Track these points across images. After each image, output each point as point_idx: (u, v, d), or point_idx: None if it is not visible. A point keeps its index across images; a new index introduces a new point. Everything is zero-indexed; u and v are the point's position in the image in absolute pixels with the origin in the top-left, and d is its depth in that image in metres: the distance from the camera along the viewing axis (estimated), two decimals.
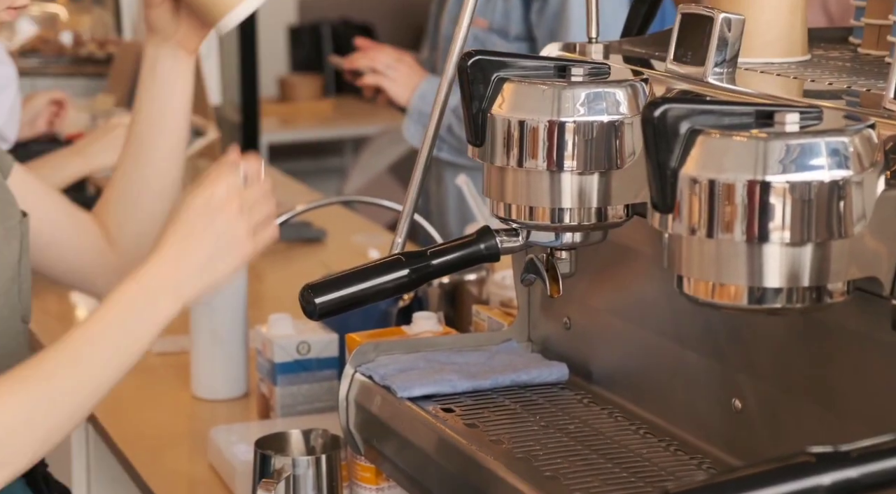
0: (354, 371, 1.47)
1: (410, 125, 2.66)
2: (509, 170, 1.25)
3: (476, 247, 1.28)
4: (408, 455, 1.35)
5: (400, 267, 1.28)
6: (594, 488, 1.19)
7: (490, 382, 1.42)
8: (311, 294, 1.27)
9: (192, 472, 1.78)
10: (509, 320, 1.59)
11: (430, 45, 2.86)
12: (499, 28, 2.61)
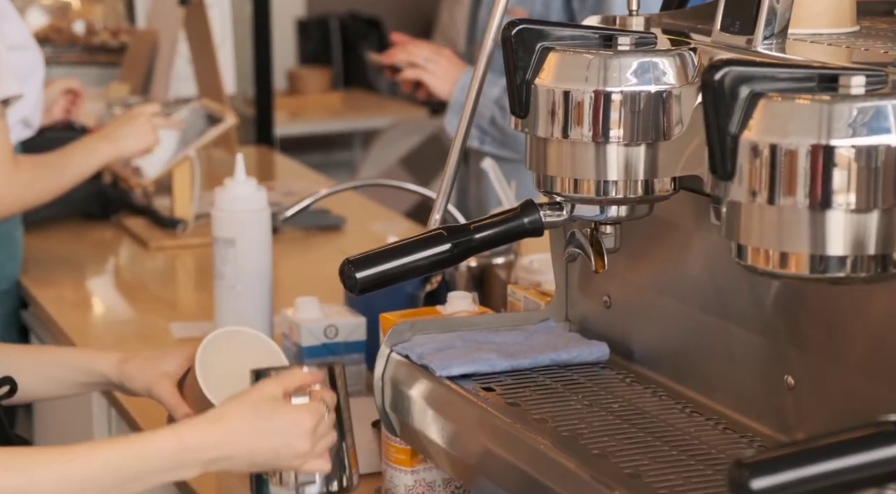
0: (390, 350, 1.44)
1: (452, 118, 2.60)
2: (553, 141, 1.23)
3: (519, 220, 1.26)
4: (447, 434, 1.33)
5: (442, 242, 1.25)
6: (644, 466, 1.16)
7: (529, 361, 1.39)
8: (352, 268, 1.24)
9: None
10: (546, 300, 1.56)
11: (468, 37, 2.82)
12: (539, 17, 2.57)
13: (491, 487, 1.26)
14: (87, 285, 2.55)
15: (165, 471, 1.24)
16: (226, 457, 1.26)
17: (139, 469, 1.22)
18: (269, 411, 1.27)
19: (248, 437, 1.26)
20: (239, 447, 1.26)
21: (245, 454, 1.26)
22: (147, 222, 2.87)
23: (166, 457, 1.23)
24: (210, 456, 1.25)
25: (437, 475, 1.49)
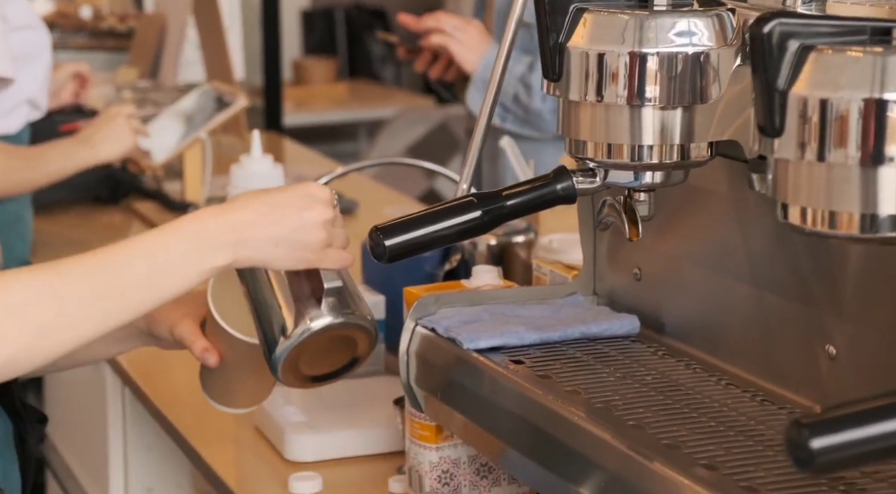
0: (415, 324, 1.41)
1: (475, 93, 2.54)
2: (587, 105, 1.19)
3: (551, 187, 1.22)
4: (477, 408, 1.30)
5: (472, 209, 1.22)
6: (682, 437, 1.13)
7: (559, 334, 1.36)
8: (381, 236, 1.21)
9: (239, 435, 1.72)
10: (572, 274, 1.53)
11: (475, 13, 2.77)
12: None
13: (522, 461, 1.23)
14: None
15: (192, 253, 1.19)
16: (247, 226, 1.21)
17: (166, 252, 1.18)
18: (281, 188, 1.26)
19: (268, 207, 1.22)
20: (258, 216, 1.21)
21: (266, 224, 1.21)
22: (157, 206, 2.83)
23: (189, 238, 1.19)
24: (232, 225, 1.21)
25: (463, 452, 1.46)
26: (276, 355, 1.30)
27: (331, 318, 1.29)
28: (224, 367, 1.41)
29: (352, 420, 1.67)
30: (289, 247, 1.23)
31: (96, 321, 1.18)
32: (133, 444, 2.03)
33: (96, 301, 1.17)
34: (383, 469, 1.60)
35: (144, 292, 1.19)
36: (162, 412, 1.79)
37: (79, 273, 1.18)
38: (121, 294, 1.18)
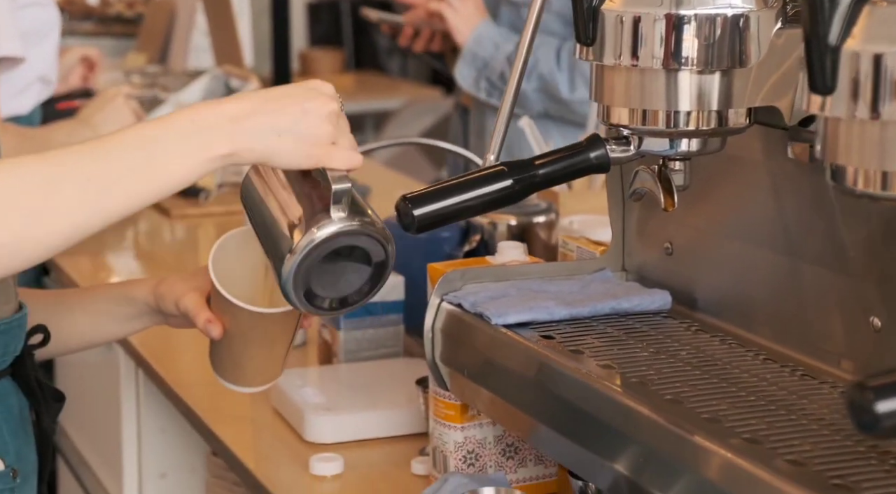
0: (441, 300, 1.37)
1: (463, 67, 2.58)
2: (622, 70, 1.16)
3: (584, 155, 1.19)
4: (506, 384, 1.26)
5: (503, 178, 1.18)
6: (723, 411, 1.09)
7: (589, 309, 1.33)
8: (410, 205, 1.17)
9: (256, 417, 1.68)
10: (600, 249, 1.49)
11: None
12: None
13: (554, 437, 1.20)
14: (109, 253, 2.48)
15: (188, 140, 1.12)
16: (247, 115, 1.13)
17: (160, 141, 1.11)
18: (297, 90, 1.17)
19: (268, 97, 1.15)
20: (259, 105, 1.14)
21: (267, 113, 1.14)
22: None
23: (183, 126, 1.12)
24: (230, 114, 1.13)
25: (489, 431, 1.42)
26: (284, 275, 1.18)
27: (339, 226, 1.16)
28: (230, 342, 1.36)
29: (372, 401, 1.64)
30: (292, 138, 1.14)
31: (89, 208, 1.11)
32: (146, 428, 2.00)
33: (88, 185, 1.10)
34: (405, 451, 1.57)
35: (140, 181, 1.11)
36: (178, 393, 1.75)
37: (69, 158, 1.12)
38: (114, 181, 1.11)
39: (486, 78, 2.57)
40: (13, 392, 1.38)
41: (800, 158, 1.18)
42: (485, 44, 2.55)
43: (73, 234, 1.12)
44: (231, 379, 1.40)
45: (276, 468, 1.54)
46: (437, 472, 1.45)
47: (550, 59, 2.49)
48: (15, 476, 1.35)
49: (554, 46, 2.51)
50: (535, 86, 2.52)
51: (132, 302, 1.44)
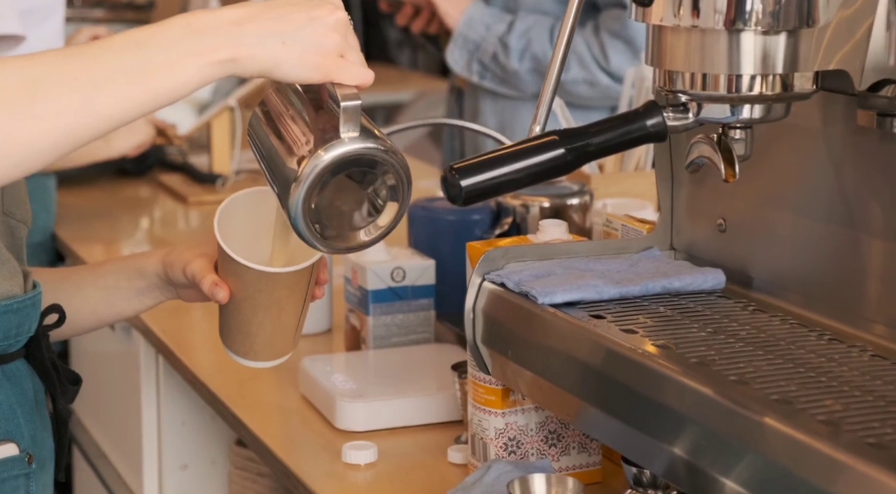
0: (482, 279, 1.31)
1: (455, 50, 2.54)
2: (680, 31, 1.09)
3: (641, 123, 1.12)
4: (554, 366, 1.20)
5: (555, 147, 1.12)
6: (793, 393, 1.03)
7: (639, 288, 1.26)
8: (457, 176, 1.10)
9: (284, 403, 1.62)
10: (646, 227, 1.43)
11: None
12: None
13: (607, 421, 1.13)
14: (125, 240, 2.42)
15: (186, 42, 1.05)
16: (250, 19, 1.06)
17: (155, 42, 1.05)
18: None
19: (272, 4, 1.07)
20: (262, 11, 1.06)
21: (271, 19, 1.06)
22: (184, 178, 2.75)
23: (181, 28, 1.05)
24: (231, 19, 1.06)
25: (531, 418, 1.36)
26: (292, 204, 1.08)
27: (350, 146, 1.06)
28: (238, 307, 1.29)
29: (404, 388, 1.57)
30: (298, 47, 1.06)
31: (77, 108, 1.04)
32: (167, 419, 1.93)
33: (74, 84, 1.04)
34: (438, 439, 1.50)
35: (132, 83, 1.04)
36: (202, 381, 1.69)
37: (54, 58, 1.05)
38: (103, 81, 1.04)
39: (477, 60, 2.53)
40: (27, 374, 1.32)
41: (867, 125, 1.11)
42: (475, 26, 2.50)
43: (63, 138, 1.05)
44: (241, 351, 1.33)
45: (308, 456, 1.48)
46: (476, 460, 1.39)
47: (544, 39, 2.45)
48: (30, 461, 1.29)
49: (547, 26, 2.46)
50: (529, 66, 2.47)
51: (142, 274, 1.38)
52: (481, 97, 2.59)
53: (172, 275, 1.36)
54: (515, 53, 2.47)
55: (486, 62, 2.51)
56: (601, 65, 2.40)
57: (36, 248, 2.31)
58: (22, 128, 1.04)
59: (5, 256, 1.29)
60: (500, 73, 2.51)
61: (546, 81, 1.24)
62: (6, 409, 1.28)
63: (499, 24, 2.49)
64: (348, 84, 1.08)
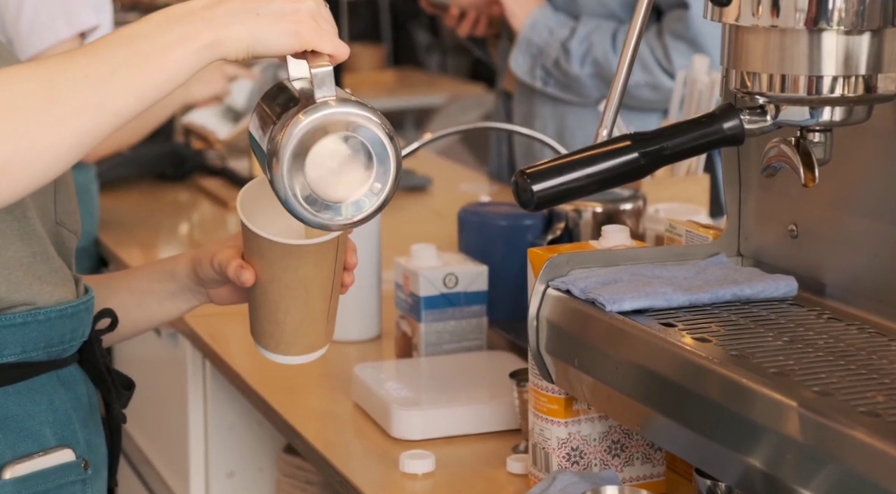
0: (546, 286, 1.28)
1: (518, 54, 2.51)
2: (759, 31, 1.06)
3: (717, 126, 1.09)
4: (625, 375, 1.17)
5: (629, 151, 1.09)
6: (881, 405, 0.99)
7: (709, 296, 1.23)
8: (529, 180, 1.08)
9: (335, 411, 1.60)
10: (711, 233, 1.40)
11: None
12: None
13: (680, 432, 1.10)
14: (167, 244, 2.41)
15: (168, 31, 1.07)
16: (219, 2, 1.08)
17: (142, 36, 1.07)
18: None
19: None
20: None
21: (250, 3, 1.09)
22: (223, 182, 2.73)
23: (161, 18, 1.08)
24: (202, 4, 1.08)
25: (594, 427, 1.33)
26: (277, 184, 1.08)
27: (326, 109, 1.07)
28: (265, 295, 1.27)
29: (459, 396, 1.55)
30: (272, 17, 1.09)
31: (94, 105, 1.07)
32: (214, 425, 1.91)
33: (87, 81, 1.06)
34: (496, 448, 1.48)
35: (135, 74, 1.07)
36: (252, 387, 1.66)
37: (60, 61, 1.08)
38: (110, 75, 1.06)
39: (541, 65, 2.51)
40: (81, 379, 1.31)
41: None
42: (539, 30, 2.48)
43: (85, 136, 1.07)
44: (272, 344, 1.29)
45: (363, 465, 1.46)
46: (537, 470, 1.36)
47: (606, 44, 2.43)
48: (86, 467, 1.28)
49: (609, 30, 2.44)
50: (590, 71, 2.45)
51: (173, 276, 1.38)
52: (537, 101, 2.56)
53: (201, 272, 1.35)
54: (576, 58, 2.45)
55: (549, 67, 2.49)
56: (664, 67, 2.37)
57: (80, 253, 2.29)
58: (46, 132, 1.06)
59: (58, 264, 1.28)
60: (562, 79, 2.49)
61: (613, 85, 1.22)
62: (62, 415, 1.26)
63: (562, 29, 2.47)
64: (326, 53, 1.10)
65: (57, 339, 1.26)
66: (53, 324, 1.25)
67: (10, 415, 1.22)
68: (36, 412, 1.24)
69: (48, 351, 1.25)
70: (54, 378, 1.27)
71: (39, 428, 1.24)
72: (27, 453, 1.23)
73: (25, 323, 1.23)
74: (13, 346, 1.22)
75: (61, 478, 1.26)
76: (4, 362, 1.22)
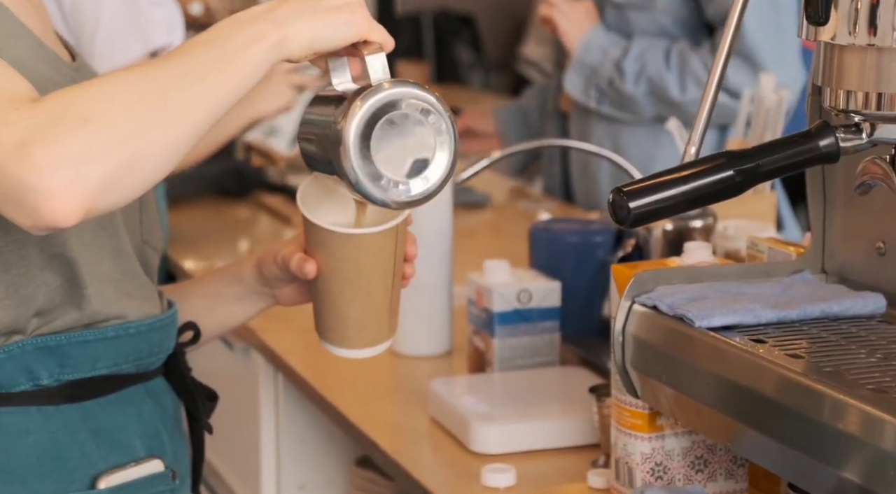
0: (632, 302, 1.29)
1: (572, 75, 2.54)
2: (855, 50, 1.07)
3: (812, 144, 1.10)
4: (717, 390, 1.17)
5: (724, 168, 1.10)
6: None
7: (798, 313, 1.24)
8: (625, 198, 1.09)
9: (411, 424, 1.61)
10: (795, 250, 1.41)
11: None
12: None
13: (773, 447, 1.11)
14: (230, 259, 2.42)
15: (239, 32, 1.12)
16: (277, 5, 1.14)
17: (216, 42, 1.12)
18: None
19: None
20: None
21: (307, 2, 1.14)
22: (283, 199, 2.76)
23: (230, 24, 1.13)
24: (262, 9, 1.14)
25: (677, 442, 1.34)
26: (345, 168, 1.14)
27: (385, 91, 1.13)
28: (328, 287, 1.28)
29: (535, 411, 1.56)
30: (329, 11, 1.14)
31: (198, 100, 1.10)
32: (285, 438, 1.93)
33: (188, 79, 1.10)
34: (575, 463, 1.49)
35: (223, 73, 1.11)
36: (326, 398, 1.68)
37: (156, 65, 1.12)
38: (204, 73, 1.10)
39: (595, 86, 2.52)
40: (167, 391, 1.34)
41: None
42: (593, 50, 2.50)
43: (192, 135, 1.11)
44: (336, 338, 1.31)
45: (444, 478, 1.47)
46: (620, 485, 1.37)
47: (659, 62, 2.44)
48: (174, 477, 1.30)
49: (662, 48, 2.45)
50: (645, 89, 2.47)
51: (239, 279, 1.40)
52: (592, 120, 2.57)
53: (266, 271, 1.37)
54: (631, 77, 2.47)
55: (603, 87, 2.51)
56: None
57: None
58: (161, 133, 1.09)
59: (144, 280, 1.31)
60: (616, 98, 2.51)
61: (701, 103, 1.23)
62: (150, 426, 1.29)
63: (615, 49, 2.49)
64: (376, 42, 1.16)
65: (146, 352, 1.29)
66: (143, 338, 1.28)
67: (102, 427, 1.25)
68: (126, 423, 1.27)
69: (137, 364, 1.28)
70: (142, 390, 1.29)
71: (130, 439, 1.26)
72: (119, 463, 1.25)
73: (117, 337, 1.25)
74: (106, 359, 1.25)
75: (151, 488, 1.28)
76: (97, 374, 1.25)
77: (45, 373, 1.22)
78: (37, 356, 1.22)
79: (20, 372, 1.21)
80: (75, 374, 1.23)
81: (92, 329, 1.24)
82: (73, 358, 1.23)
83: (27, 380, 1.22)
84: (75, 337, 1.23)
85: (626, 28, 2.52)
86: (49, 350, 1.22)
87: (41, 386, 1.22)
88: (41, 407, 1.22)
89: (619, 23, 2.52)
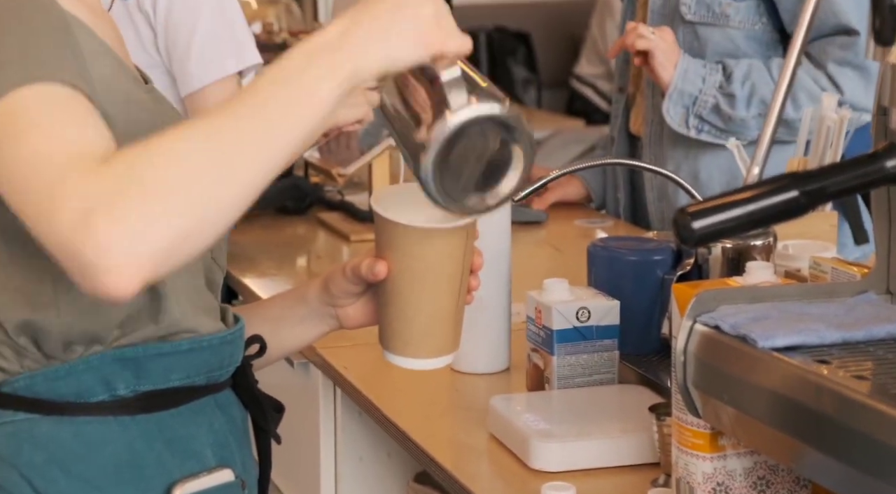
0: (693, 321, 1.29)
1: (671, 106, 2.46)
2: None
3: (879, 164, 1.10)
4: (781, 411, 1.17)
5: (789, 189, 1.10)
6: None
7: (863, 333, 1.23)
8: (690, 218, 1.10)
9: (471, 441, 1.62)
10: (859, 270, 1.40)
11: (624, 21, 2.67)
12: None
13: (839, 469, 1.11)
14: (289, 276, 2.45)
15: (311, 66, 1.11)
16: (349, 30, 1.12)
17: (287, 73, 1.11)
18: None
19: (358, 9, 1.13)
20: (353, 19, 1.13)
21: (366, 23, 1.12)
22: (342, 216, 2.77)
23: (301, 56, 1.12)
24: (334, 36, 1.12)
25: (740, 463, 1.34)
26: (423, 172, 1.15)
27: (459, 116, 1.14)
28: (396, 288, 1.30)
29: (595, 429, 1.56)
30: (401, 33, 1.13)
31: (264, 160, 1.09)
32: (343, 456, 1.95)
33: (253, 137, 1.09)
34: (635, 481, 1.49)
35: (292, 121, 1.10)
36: (386, 414, 1.69)
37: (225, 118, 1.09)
38: (271, 127, 1.10)
39: (695, 114, 2.46)
40: (235, 403, 1.36)
41: None
42: (691, 79, 2.43)
43: (256, 188, 1.09)
44: (399, 346, 1.32)
45: None
46: None
47: (767, 81, 2.39)
48: (244, 487, 1.32)
49: (764, 69, 2.41)
50: (756, 112, 2.40)
51: (304, 301, 1.42)
52: (667, 144, 2.53)
53: (334, 287, 1.38)
54: (742, 101, 2.42)
55: (705, 115, 2.46)
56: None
57: None
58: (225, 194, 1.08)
59: (209, 296, 1.33)
60: (720, 125, 2.45)
61: (766, 123, 1.23)
62: (220, 436, 1.31)
63: (713, 75, 2.44)
64: (452, 54, 1.15)
65: (216, 364, 1.31)
66: (214, 351, 1.30)
67: (176, 437, 1.27)
68: (198, 433, 1.29)
69: (208, 376, 1.30)
70: (212, 401, 1.32)
71: (201, 449, 1.29)
72: (192, 472, 1.27)
73: (191, 350, 1.28)
74: (179, 371, 1.27)
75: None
76: (171, 386, 1.27)
77: (122, 384, 1.25)
78: (114, 367, 1.24)
79: (98, 382, 1.24)
80: (150, 386, 1.26)
81: (167, 342, 1.26)
82: (148, 370, 1.25)
83: (105, 391, 1.24)
84: (151, 349, 1.25)
85: (699, 49, 2.48)
86: (126, 361, 1.24)
87: (118, 396, 1.25)
88: (118, 417, 1.24)
89: (689, 41, 2.49)
